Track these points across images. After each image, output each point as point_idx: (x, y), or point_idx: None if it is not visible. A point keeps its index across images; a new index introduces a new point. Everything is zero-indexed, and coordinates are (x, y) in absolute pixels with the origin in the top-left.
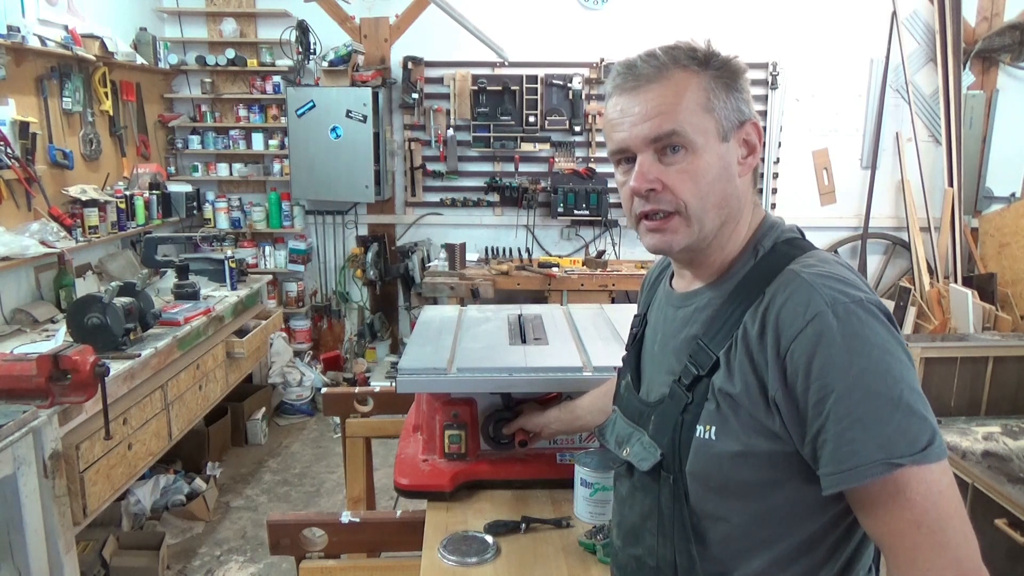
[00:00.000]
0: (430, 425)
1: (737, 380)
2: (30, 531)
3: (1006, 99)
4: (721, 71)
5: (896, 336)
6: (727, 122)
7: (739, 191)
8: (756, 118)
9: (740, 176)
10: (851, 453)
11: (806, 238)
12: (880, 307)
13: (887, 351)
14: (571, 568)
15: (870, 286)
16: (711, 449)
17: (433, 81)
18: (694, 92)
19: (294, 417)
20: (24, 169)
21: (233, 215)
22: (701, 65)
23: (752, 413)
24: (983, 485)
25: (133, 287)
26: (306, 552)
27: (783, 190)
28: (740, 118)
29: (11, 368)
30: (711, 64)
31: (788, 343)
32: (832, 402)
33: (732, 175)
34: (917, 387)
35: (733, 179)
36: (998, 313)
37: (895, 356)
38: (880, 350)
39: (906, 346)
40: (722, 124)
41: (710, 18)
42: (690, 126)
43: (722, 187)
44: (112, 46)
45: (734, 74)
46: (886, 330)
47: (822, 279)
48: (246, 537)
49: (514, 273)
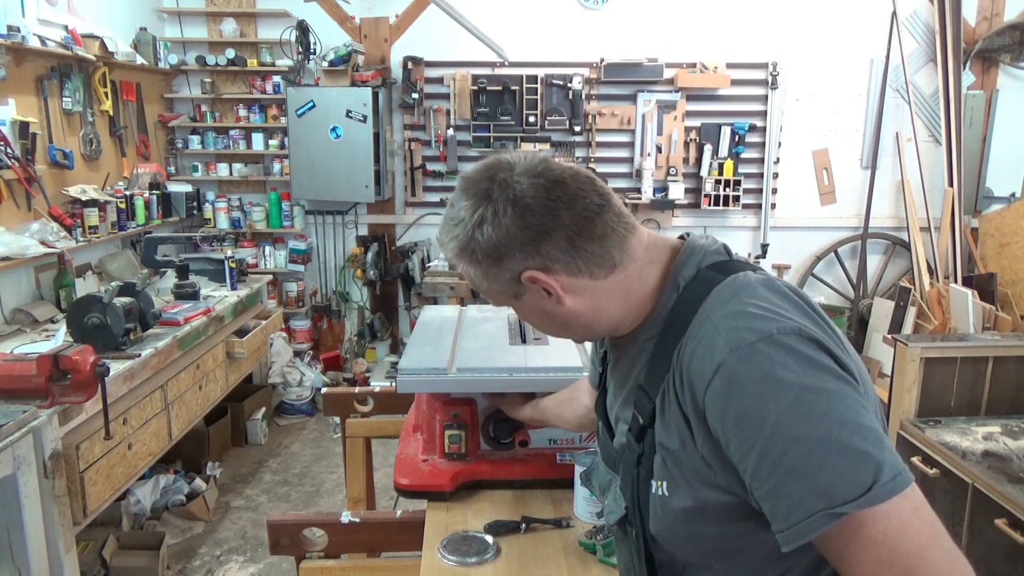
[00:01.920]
0: (430, 425)
1: (673, 433)
2: (30, 531)
3: (1006, 99)
4: (463, 258)
5: (820, 363)
6: (503, 288)
7: (578, 307)
8: (528, 267)
9: (563, 305)
10: (791, 508)
11: (733, 258)
12: (800, 333)
13: (805, 387)
14: (571, 568)
15: (807, 307)
16: (667, 505)
17: (433, 81)
18: (475, 280)
19: (294, 417)
20: (24, 169)
21: (233, 215)
22: (454, 253)
23: (694, 467)
24: (983, 485)
25: (133, 287)
26: (306, 552)
27: (783, 190)
28: (509, 278)
29: (11, 368)
30: (465, 253)
31: (702, 397)
32: (756, 457)
33: (552, 311)
34: (853, 416)
35: (555, 311)
36: (998, 313)
37: (816, 390)
38: (797, 388)
39: (840, 370)
40: (500, 292)
41: (710, 18)
42: (493, 301)
43: (555, 323)
44: (112, 46)
45: (467, 252)
46: (804, 362)
47: (729, 318)
48: (246, 537)
49: None
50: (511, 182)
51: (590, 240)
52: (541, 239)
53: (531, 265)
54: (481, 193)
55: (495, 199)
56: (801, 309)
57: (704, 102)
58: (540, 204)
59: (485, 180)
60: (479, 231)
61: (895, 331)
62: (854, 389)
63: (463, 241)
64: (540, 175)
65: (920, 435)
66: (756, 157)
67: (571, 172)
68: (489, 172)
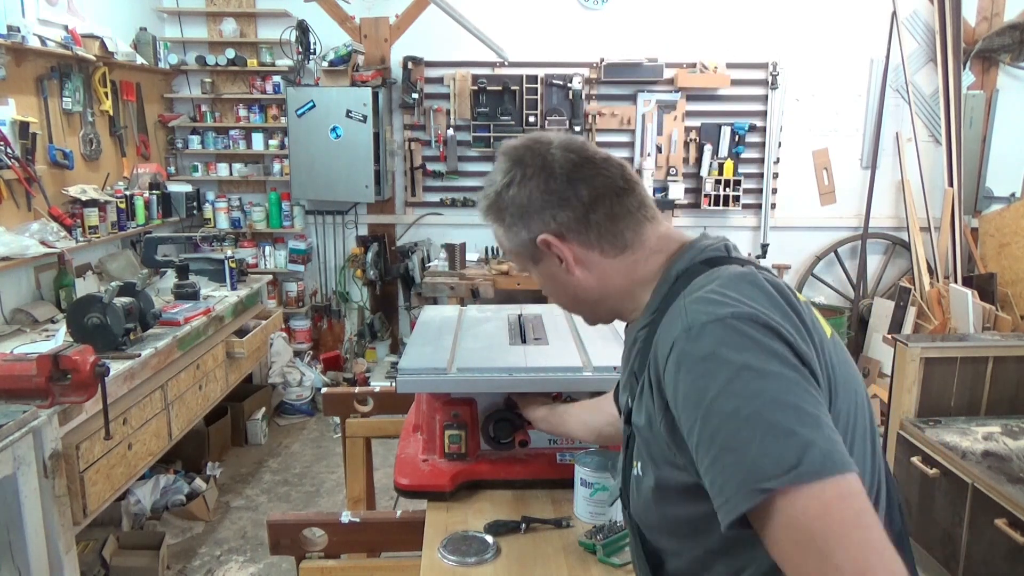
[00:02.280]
0: (430, 425)
1: (643, 413)
2: (30, 531)
3: (1006, 99)
4: (491, 215)
5: (768, 347)
6: (522, 250)
7: (586, 281)
8: (543, 232)
9: (573, 275)
10: (724, 483)
11: (732, 254)
12: (754, 319)
13: (745, 366)
14: (571, 568)
15: (783, 302)
16: (640, 485)
17: (433, 81)
18: (500, 240)
19: (294, 417)
20: (24, 169)
21: (233, 215)
22: (483, 212)
23: (659, 445)
24: (983, 485)
25: (133, 287)
26: (306, 552)
27: (783, 190)
28: (526, 239)
29: (11, 368)
30: (491, 212)
31: (661, 373)
32: (698, 431)
33: (562, 280)
34: (791, 399)
35: (565, 281)
36: (998, 313)
37: (756, 369)
38: (736, 366)
39: (793, 358)
40: (520, 254)
41: (710, 18)
42: (516, 264)
43: (564, 293)
44: (112, 46)
45: (495, 210)
46: (750, 343)
47: (693, 303)
48: (246, 537)
49: (514, 273)
50: (545, 152)
51: (604, 217)
52: (559, 206)
53: (547, 230)
54: (516, 159)
55: (526, 164)
56: (774, 302)
57: (704, 102)
58: (564, 174)
59: (523, 148)
60: (506, 191)
61: (895, 331)
62: (803, 378)
63: (492, 199)
64: (573, 151)
65: (920, 435)
66: (756, 157)
67: (604, 155)
68: (529, 142)
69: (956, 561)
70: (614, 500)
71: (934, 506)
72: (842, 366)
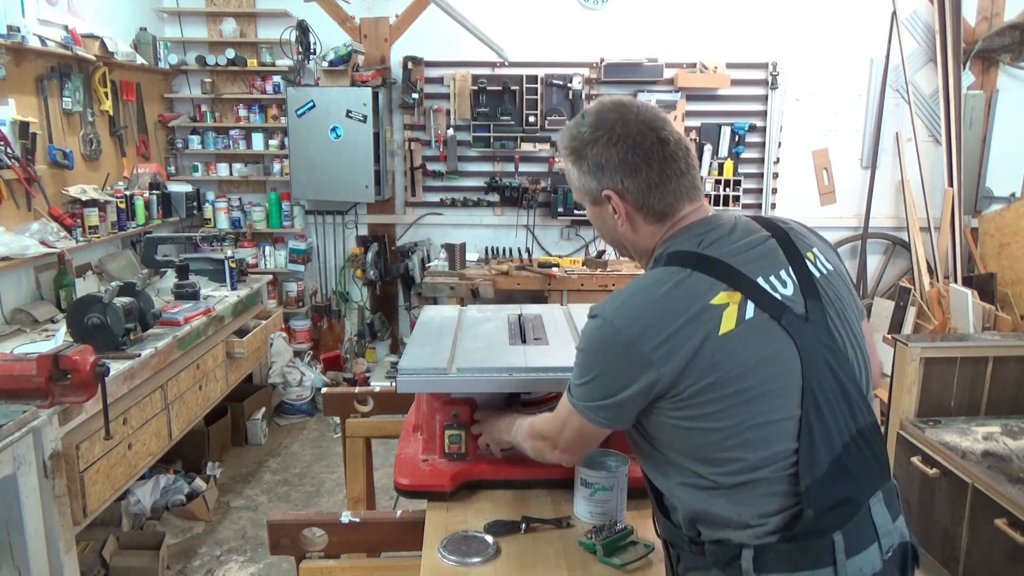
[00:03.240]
0: (430, 425)
1: None
2: (30, 531)
3: (1006, 99)
4: (571, 157)
5: (602, 346)
6: (588, 192)
7: (628, 237)
8: (609, 188)
9: (620, 226)
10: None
11: (703, 248)
12: (605, 320)
13: (581, 348)
14: (571, 568)
15: (658, 310)
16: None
17: (433, 81)
18: (567, 172)
19: (294, 417)
20: (24, 169)
21: (233, 215)
22: (564, 152)
23: None
24: (983, 485)
25: (133, 287)
26: (306, 552)
27: (783, 190)
28: (595, 187)
29: (11, 368)
30: (571, 154)
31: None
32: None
33: (614, 228)
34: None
35: (616, 231)
36: (998, 313)
37: (583, 355)
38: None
39: (613, 358)
40: (584, 193)
41: (710, 18)
42: (576, 195)
43: (608, 234)
44: (112, 46)
45: (576, 154)
46: (593, 336)
47: (613, 294)
48: (246, 537)
49: (514, 273)
50: (631, 124)
51: (661, 193)
52: (629, 175)
53: (613, 188)
54: (606, 122)
55: (614, 131)
56: (652, 313)
57: (704, 102)
58: (643, 150)
59: (614, 113)
60: (592, 147)
61: (895, 331)
62: (605, 362)
63: (578, 148)
64: (654, 130)
65: (920, 435)
66: (756, 157)
67: (676, 137)
68: (620, 109)
69: (956, 561)
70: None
71: (934, 506)
72: (730, 355)
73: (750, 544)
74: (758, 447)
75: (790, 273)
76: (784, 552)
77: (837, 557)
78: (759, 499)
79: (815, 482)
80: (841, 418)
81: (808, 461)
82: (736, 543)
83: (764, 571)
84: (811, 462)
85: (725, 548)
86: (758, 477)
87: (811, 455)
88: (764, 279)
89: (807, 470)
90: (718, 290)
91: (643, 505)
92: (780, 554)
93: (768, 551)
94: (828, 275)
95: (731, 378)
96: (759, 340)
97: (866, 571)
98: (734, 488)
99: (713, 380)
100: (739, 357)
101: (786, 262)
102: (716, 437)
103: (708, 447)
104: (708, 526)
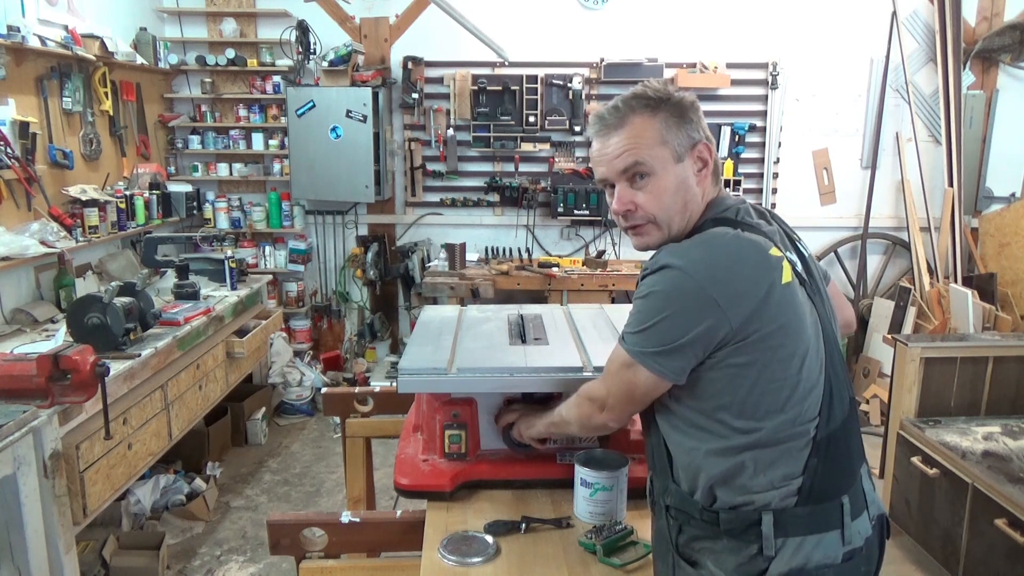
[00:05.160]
0: (430, 425)
1: None
2: (30, 531)
3: (1006, 99)
4: (672, 110)
5: (674, 293)
6: (680, 148)
7: (697, 195)
8: (706, 138)
9: (698, 185)
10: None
11: (740, 217)
12: (675, 267)
13: (643, 296)
14: (571, 568)
15: (725, 260)
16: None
17: (433, 81)
18: (649, 131)
19: (294, 417)
20: (24, 169)
21: (233, 215)
22: (653, 109)
23: None
24: (983, 485)
25: (133, 287)
26: (306, 552)
27: (783, 190)
28: (691, 142)
29: (11, 368)
30: (661, 107)
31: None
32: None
33: (690, 186)
34: (655, 322)
35: (691, 189)
36: (998, 313)
37: (653, 295)
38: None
39: (684, 307)
40: (675, 150)
41: (710, 18)
42: (649, 157)
43: (682, 197)
44: (112, 46)
45: (683, 110)
46: (661, 281)
47: (675, 248)
48: (246, 537)
49: (514, 273)
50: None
51: (718, 158)
52: (708, 132)
53: (704, 139)
54: (677, 91)
55: (680, 90)
56: (721, 262)
57: (704, 102)
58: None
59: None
60: (678, 94)
61: (895, 331)
62: (674, 307)
63: (663, 95)
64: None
65: (920, 435)
66: (756, 157)
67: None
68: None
69: (956, 561)
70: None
71: (934, 506)
72: (788, 304)
73: (770, 507)
74: (796, 404)
75: (795, 252)
76: (803, 515)
77: (844, 520)
78: (787, 459)
79: (829, 437)
80: (844, 388)
81: (826, 417)
82: (757, 507)
83: (784, 535)
84: (828, 418)
85: (742, 514)
86: (791, 434)
87: (829, 412)
88: (785, 253)
89: (824, 425)
90: (770, 245)
91: (643, 505)
92: (799, 517)
93: (787, 515)
94: (810, 257)
95: (789, 331)
96: (802, 299)
97: (862, 534)
98: (767, 448)
99: (780, 324)
100: (795, 310)
101: (790, 243)
102: (769, 386)
103: (757, 397)
104: (729, 490)
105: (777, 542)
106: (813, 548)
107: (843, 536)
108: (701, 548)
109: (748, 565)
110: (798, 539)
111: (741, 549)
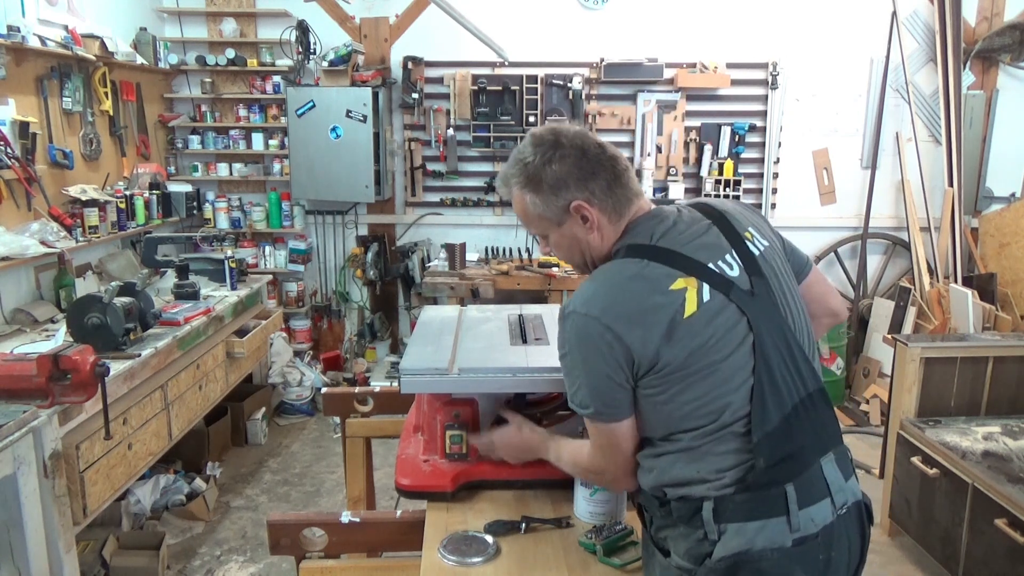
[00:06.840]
0: (431, 425)
1: None
2: (30, 531)
3: (1006, 99)
4: (532, 187)
5: (579, 338)
6: (553, 215)
7: (594, 241)
8: (578, 197)
9: (591, 233)
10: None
11: (656, 240)
12: (576, 312)
13: (563, 355)
14: (571, 568)
15: (628, 295)
16: None
17: (433, 81)
18: (525, 207)
19: (294, 417)
20: (24, 169)
21: (233, 215)
22: (521, 186)
23: None
24: (983, 485)
25: (133, 287)
26: (306, 552)
27: (783, 190)
28: (564, 205)
29: (11, 368)
30: (527, 184)
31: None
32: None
33: (581, 239)
34: (591, 380)
35: (583, 240)
36: (998, 313)
37: (566, 360)
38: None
39: (592, 346)
40: (551, 218)
41: (710, 18)
42: (536, 228)
43: (578, 248)
44: (112, 46)
45: (537, 184)
46: (567, 331)
47: (578, 289)
48: (246, 537)
49: (514, 273)
50: (569, 137)
51: (619, 188)
52: (590, 177)
53: (580, 197)
54: (547, 143)
55: (562, 144)
56: (623, 298)
57: (704, 102)
58: (593, 154)
59: (550, 135)
60: (546, 168)
61: (895, 331)
62: (595, 359)
63: (530, 173)
64: (588, 138)
65: (920, 435)
66: (756, 157)
67: (607, 144)
68: (552, 130)
69: (956, 561)
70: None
71: (934, 506)
72: (697, 334)
73: (710, 496)
74: (719, 413)
75: (734, 256)
76: (741, 502)
77: (790, 507)
78: (716, 457)
79: (766, 436)
80: (791, 381)
81: (760, 419)
82: (697, 497)
83: (723, 520)
84: (762, 420)
85: (688, 503)
86: (716, 438)
87: (762, 414)
88: (714, 264)
89: (759, 426)
90: (675, 277)
91: None
92: (737, 504)
93: (726, 502)
94: (765, 251)
95: (699, 356)
96: (718, 319)
97: (818, 521)
98: (694, 450)
99: (684, 359)
100: (704, 336)
101: (729, 246)
102: (687, 409)
103: (679, 420)
104: (671, 485)
105: (720, 527)
106: (756, 533)
107: (789, 521)
108: (666, 536)
109: (696, 548)
110: (737, 524)
111: (690, 534)
